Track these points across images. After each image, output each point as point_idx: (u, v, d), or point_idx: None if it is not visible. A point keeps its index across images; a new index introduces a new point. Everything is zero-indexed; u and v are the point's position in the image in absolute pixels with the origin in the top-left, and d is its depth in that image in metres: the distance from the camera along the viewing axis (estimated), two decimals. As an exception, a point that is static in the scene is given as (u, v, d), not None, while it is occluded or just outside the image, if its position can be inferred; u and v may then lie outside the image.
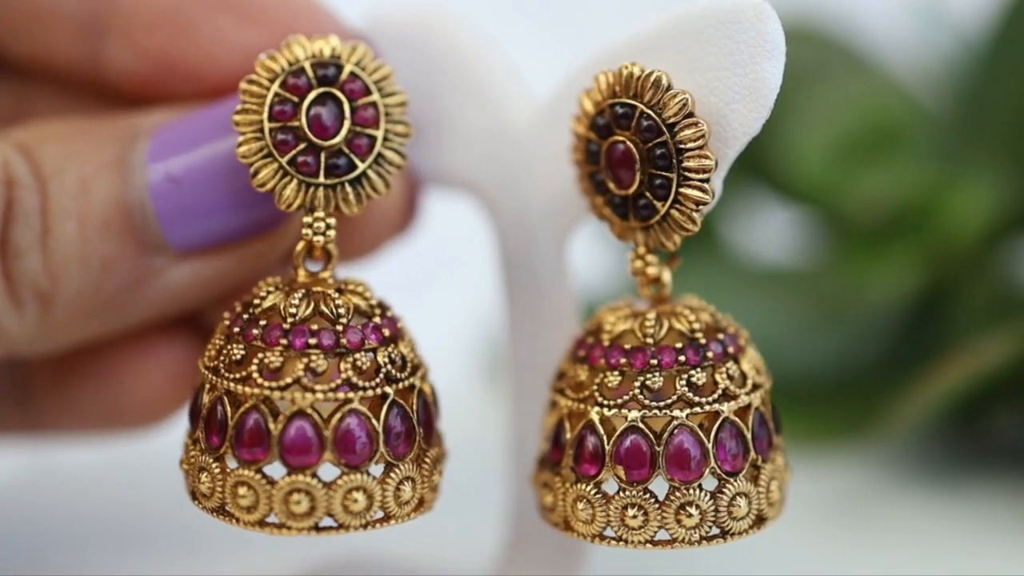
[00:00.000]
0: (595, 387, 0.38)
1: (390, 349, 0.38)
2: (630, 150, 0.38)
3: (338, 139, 0.38)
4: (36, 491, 0.56)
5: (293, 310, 0.38)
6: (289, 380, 0.37)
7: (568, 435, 0.39)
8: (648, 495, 0.38)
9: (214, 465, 0.38)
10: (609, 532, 0.38)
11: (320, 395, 0.37)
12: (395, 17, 0.44)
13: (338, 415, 0.37)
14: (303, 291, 0.38)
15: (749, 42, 0.37)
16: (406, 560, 0.49)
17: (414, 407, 0.38)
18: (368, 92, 0.39)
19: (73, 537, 0.53)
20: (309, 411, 0.37)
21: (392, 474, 0.38)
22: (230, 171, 0.39)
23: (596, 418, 0.38)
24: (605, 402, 0.38)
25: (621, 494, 0.38)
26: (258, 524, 0.37)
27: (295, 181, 0.38)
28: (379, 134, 0.39)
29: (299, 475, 0.37)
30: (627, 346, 0.38)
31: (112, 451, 0.57)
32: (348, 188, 0.39)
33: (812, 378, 0.61)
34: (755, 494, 0.38)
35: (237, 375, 0.37)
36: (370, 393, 0.37)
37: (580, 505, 0.38)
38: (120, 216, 0.40)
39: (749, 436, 0.38)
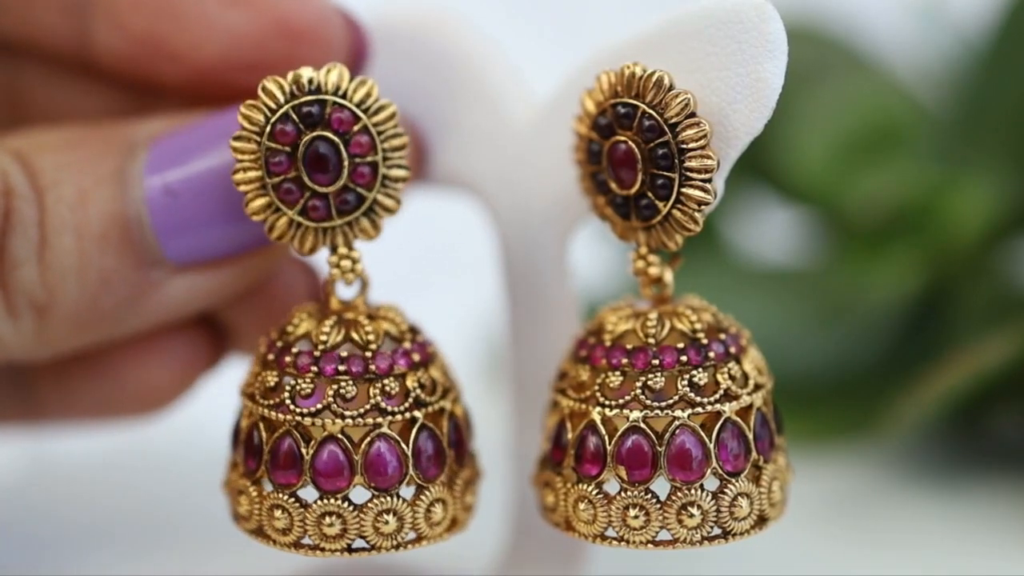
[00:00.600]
0: (597, 387, 0.38)
1: (420, 374, 0.39)
2: (632, 150, 0.38)
3: (342, 180, 0.38)
4: (35, 491, 0.56)
5: (324, 337, 0.38)
6: (320, 406, 0.38)
7: (569, 435, 0.39)
8: (650, 495, 0.38)
9: (251, 488, 0.39)
10: (611, 532, 0.38)
11: (350, 420, 0.38)
12: (398, 18, 0.45)
13: (368, 440, 0.38)
14: (335, 319, 0.39)
15: (751, 42, 0.37)
16: (407, 560, 0.49)
17: (444, 430, 0.39)
18: (356, 119, 0.38)
19: (73, 537, 0.53)
20: (340, 436, 0.38)
21: (423, 496, 0.39)
22: (228, 185, 0.39)
23: (598, 418, 0.38)
24: (607, 402, 0.38)
25: (623, 494, 0.38)
26: (293, 546, 0.38)
27: (311, 229, 0.39)
28: (378, 158, 0.38)
29: (331, 499, 0.38)
30: (629, 346, 0.38)
31: (112, 451, 0.57)
32: (363, 219, 0.39)
33: (812, 378, 0.61)
34: (757, 494, 0.38)
35: (271, 401, 0.38)
36: (399, 417, 0.38)
37: (581, 505, 0.38)
38: (118, 229, 0.39)
39: (751, 436, 0.38)
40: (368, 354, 0.38)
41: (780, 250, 0.69)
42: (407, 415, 0.38)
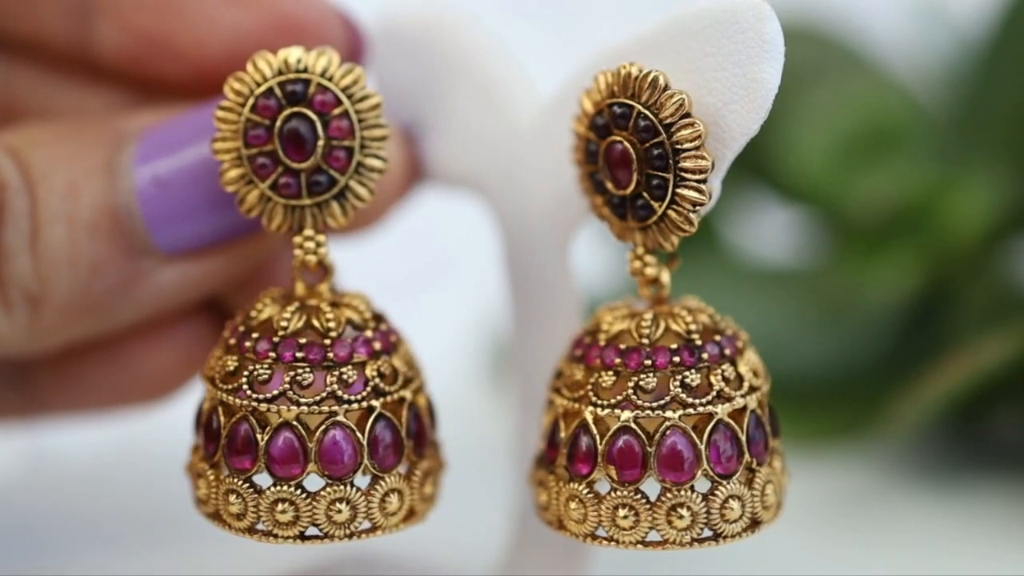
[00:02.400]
0: (590, 387, 0.38)
1: (380, 362, 0.39)
2: (627, 150, 0.38)
3: (315, 158, 0.38)
4: (34, 490, 0.57)
5: (284, 323, 0.38)
6: (276, 392, 0.38)
7: (563, 434, 0.39)
8: (639, 496, 0.38)
9: (210, 472, 0.39)
10: (601, 532, 0.38)
11: (305, 408, 0.38)
12: (402, 17, 0.45)
13: (323, 428, 0.38)
14: (297, 304, 0.39)
15: (748, 42, 0.37)
16: (408, 560, 0.49)
17: (403, 419, 0.39)
18: (339, 102, 0.38)
19: (72, 536, 0.53)
20: (295, 423, 0.38)
21: (378, 486, 0.38)
22: (216, 174, 0.39)
23: (590, 418, 0.38)
24: (599, 402, 0.38)
25: (613, 494, 0.38)
26: (247, 531, 0.38)
27: (280, 205, 0.39)
28: (355, 144, 0.39)
29: (284, 485, 0.38)
30: (623, 346, 0.38)
31: (112, 451, 0.57)
32: (333, 203, 0.39)
33: (812, 378, 0.61)
34: (749, 497, 0.38)
35: (230, 386, 0.38)
36: (355, 406, 0.38)
37: (572, 504, 0.38)
38: (108, 219, 0.40)
39: (744, 439, 0.38)
40: (327, 341, 0.38)
41: (779, 250, 0.69)
42: (364, 404, 0.38)
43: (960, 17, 0.66)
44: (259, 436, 0.38)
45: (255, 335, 0.39)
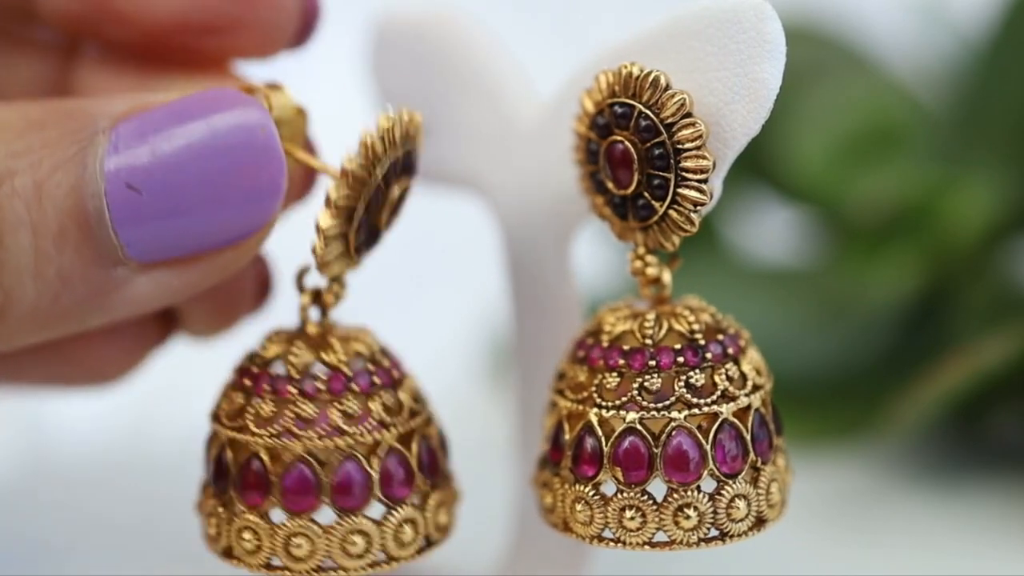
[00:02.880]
0: (594, 388, 0.38)
1: (385, 396, 0.39)
2: (628, 150, 0.38)
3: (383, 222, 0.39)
4: (33, 489, 0.57)
5: (294, 359, 0.39)
6: (280, 428, 0.38)
7: (567, 436, 0.39)
8: (646, 497, 0.37)
9: (220, 510, 0.39)
10: (607, 533, 0.38)
11: (308, 441, 0.38)
12: (403, 16, 0.45)
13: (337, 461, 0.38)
14: (304, 340, 0.39)
15: (749, 42, 0.37)
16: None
17: (414, 451, 0.39)
18: (405, 172, 0.39)
19: (72, 536, 0.53)
20: (308, 457, 0.38)
21: (391, 516, 0.38)
22: (194, 177, 0.37)
23: (595, 419, 0.38)
24: (604, 403, 0.38)
25: (619, 496, 0.38)
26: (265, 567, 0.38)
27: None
28: (397, 192, 0.39)
29: (299, 519, 0.38)
30: (626, 347, 0.38)
31: (113, 450, 0.57)
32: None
33: (812, 378, 0.61)
34: (754, 496, 0.38)
35: (237, 424, 0.39)
36: (364, 439, 0.38)
37: (578, 506, 0.38)
38: (77, 226, 0.37)
39: (748, 438, 0.38)
40: (335, 374, 0.38)
41: (780, 250, 0.69)
42: (372, 436, 0.38)
43: (960, 17, 0.66)
44: (271, 471, 0.38)
45: (258, 371, 0.39)
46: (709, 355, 0.38)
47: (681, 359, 0.38)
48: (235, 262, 0.39)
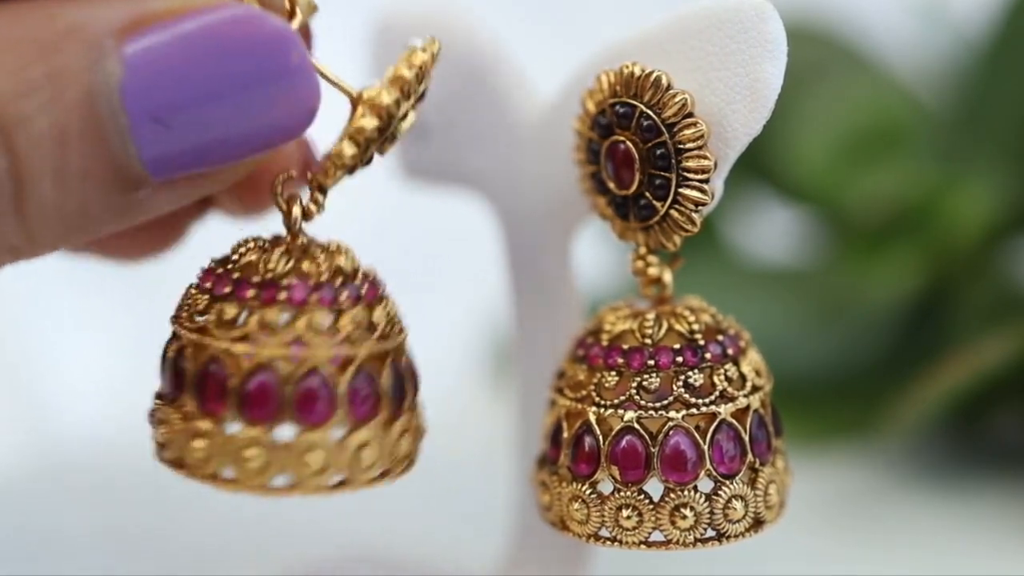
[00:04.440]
0: (593, 387, 0.38)
1: (356, 312, 0.37)
2: (630, 150, 0.38)
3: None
4: (39, 491, 0.57)
5: (272, 266, 0.37)
6: (243, 334, 0.36)
7: (565, 434, 0.39)
8: (643, 496, 0.37)
9: (175, 415, 0.37)
10: (604, 532, 0.38)
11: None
12: (404, 15, 0.44)
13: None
14: (284, 248, 0.37)
15: (750, 42, 0.37)
16: (409, 560, 0.49)
17: (383, 373, 0.37)
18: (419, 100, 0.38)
19: (77, 537, 0.53)
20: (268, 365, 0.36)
21: (352, 437, 0.36)
22: (227, 112, 0.35)
23: (593, 418, 0.38)
24: (602, 402, 0.38)
25: (616, 495, 0.38)
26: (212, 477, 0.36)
27: None
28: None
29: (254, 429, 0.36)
30: (625, 346, 0.38)
31: (113, 451, 0.57)
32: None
33: (812, 378, 0.61)
34: (752, 497, 0.38)
35: (194, 325, 0.37)
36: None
37: (575, 505, 0.38)
38: (101, 164, 0.34)
39: (747, 438, 0.38)
40: (312, 284, 0.37)
41: (780, 250, 0.69)
42: (341, 351, 0.36)
43: (961, 17, 0.66)
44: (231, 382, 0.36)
45: (236, 276, 0.37)
46: (708, 355, 0.38)
47: (680, 359, 0.38)
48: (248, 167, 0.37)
